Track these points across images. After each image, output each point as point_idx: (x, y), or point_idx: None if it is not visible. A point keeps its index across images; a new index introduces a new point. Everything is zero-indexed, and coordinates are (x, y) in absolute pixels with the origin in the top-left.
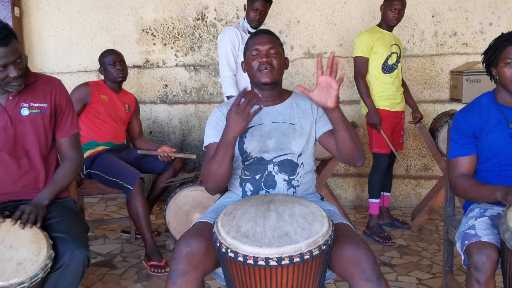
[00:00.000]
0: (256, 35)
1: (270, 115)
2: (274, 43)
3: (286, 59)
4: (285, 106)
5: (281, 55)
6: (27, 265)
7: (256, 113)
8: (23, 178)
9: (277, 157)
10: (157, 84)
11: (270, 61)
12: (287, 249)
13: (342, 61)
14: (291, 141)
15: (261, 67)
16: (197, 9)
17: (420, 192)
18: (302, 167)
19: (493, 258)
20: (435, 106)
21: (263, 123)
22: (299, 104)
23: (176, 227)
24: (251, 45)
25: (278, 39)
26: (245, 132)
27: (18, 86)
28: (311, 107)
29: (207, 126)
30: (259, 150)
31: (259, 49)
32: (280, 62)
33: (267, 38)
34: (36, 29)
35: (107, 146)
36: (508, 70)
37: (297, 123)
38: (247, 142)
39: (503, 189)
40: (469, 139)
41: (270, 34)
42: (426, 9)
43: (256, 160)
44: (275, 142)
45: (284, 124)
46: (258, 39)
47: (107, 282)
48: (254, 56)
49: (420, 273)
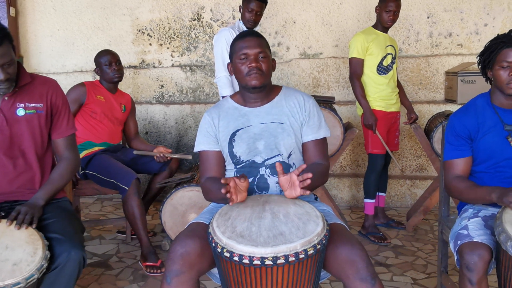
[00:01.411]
0: (244, 37)
1: (258, 116)
2: (263, 47)
3: (273, 60)
4: (273, 105)
5: (269, 58)
6: (23, 265)
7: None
8: (19, 179)
9: (268, 159)
10: (153, 85)
11: (259, 66)
12: (282, 249)
13: (338, 61)
14: (279, 142)
15: (251, 72)
16: (193, 10)
17: (415, 192)
18: (294, 167)
19: (485, 258)
20: (430, 106)
21: (251, 125)
22: (288, 102)
23: (172, 227)
24: (239, 48)
25: (265, 41)
26: (233, 135)
27: (6, 90)
28: (299, 107)
29: (198, 131)
30: (249, 153)
31: (247, 53)
32: (268, 65)
33: (255, 41)
34: (32, 29)
35: (103, 146)
36: (504, 73)
37: (286, 121)
38: (236, 145)
39: (499, 191)
40: (465, 140)
41: (257, 36)
42: (421, 10)
43: (248, 164)
44: (265, 143)
45: (272, 124)
46: (246, 42)
47: (103, 282)
48: (243, 60)
49: (415, 273)
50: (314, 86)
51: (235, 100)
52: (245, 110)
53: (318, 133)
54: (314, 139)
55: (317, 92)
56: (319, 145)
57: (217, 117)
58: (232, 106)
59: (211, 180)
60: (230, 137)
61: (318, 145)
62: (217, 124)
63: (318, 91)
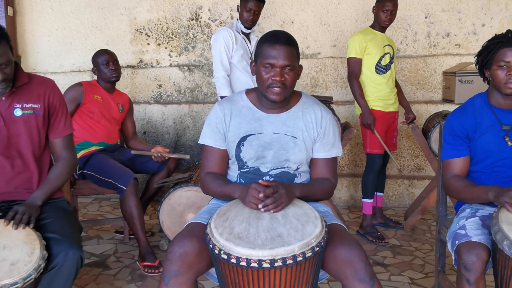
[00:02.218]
0: (274, 44)
1: (273, 124)
2: (291, 59)
3: (300, 66)
4: (290, 115)
5: (296, 69)
6: (20, 265)
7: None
8: (17, 179)
9: (274, 169)
10: (151, 84)
11: (284, 80)
12: (280, 251)
13: (336, 61)
14: (289, 156)
15: (273, 85)
16: (191, 9)
17: (413, 192)
18: (299, 177)
19: (483, 258)
20: (428, 106)
21: (264, 132)
22: (305, 115)
23: (170, 227)
24: (266, 54)
25: (296, 50)
26: (243, 139)
27: (3, 90)
28: (315, 121)
29: (206, 121)
30: (256, 161)
31: (274, 64)
32: (293, 78)
33: (284, 52)
34: (30, 29)
35: (100, 146)
36: (501, 73)
37: (300, 136)
38: (244, 150)
39: (496, 190)
40: (462, 140)
41: (288, 45)
42: (419, 10)
43: (252, 170)
44: (274, 155)
45: (285, 137)
46: (274, 51)
47: (101, 282)
48: (267, 69)
49: (412, 273)
50: (312, 86)
51: (250, 99)
52: (260, 114)
53: (330, 152)
54: (325, 157)
55: (315, 92)
56: (329, 163)
57: (229, 113)
58: (246, 105)
59: (212, 175)
60: (239, 141)
61: (327, 163)
62: (228, 122)
63: (316, 91)
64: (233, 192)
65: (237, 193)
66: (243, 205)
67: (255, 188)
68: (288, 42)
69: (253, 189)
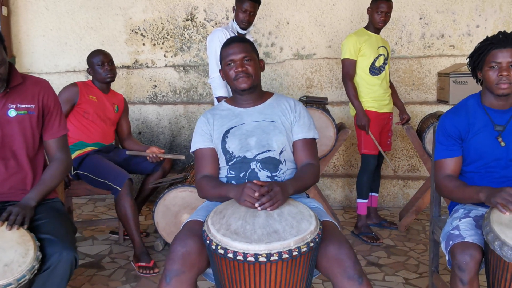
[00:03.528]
0: (229, 44)
1: (251, 115)
2: (247, 51)
3: (261, 61)
4: (265, 106)
5: (255, 60)
6: (14, 266)
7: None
8: (11, 180)
9: (259, 154)
10: (146, 85)
11: (245, 69)
12: (276, 245)
13: (331, 62)
14: (271, 138)
15: (238, 76)
16: (186, 10)
17: (407, 192)
18: (284, 163)
19: (476, 258)
20: (422, 107)
21: (244, 123)
22: (280, 104)
23: (165, 228)
24: (225, 55)
25: (250, 45)
26: (227, 132)
27: None
28: (290, 109)
29: (194, 133)
30: (241, 149)
31: (233, 59)
32: (255, 67)
33: (239, 47)
34: (25, 29)
35: (95, 146)
36: (493, 74)
37: (278, 120)
38: (229, 141)
39: (487, 191)
40: (455, 141)
41: (241, 41)
42: (413, 11)
43: (240, 159)
44: (256, 140)
45: (264, 122)
46: (231, 49)
47: (96, 283)
48: (230, 66)
49: (407, 273)
50: (307, 87)
51: (229, 103)
52: (239, 110)
53: (308, 133)
54: (304, 138)
55: (310, 92)
56: (309, 145)
57: (212, 117)
58: (226, 108)
59: (207, 178)
60: (223, 134)
61: (307, 145)
62: (212, 123)
63: (311, 92)
64: (228, 192)
65: (232, 193)
66: (239, 204)
67: (250, 187)
68: (242, 40)
69: (248, 188)
